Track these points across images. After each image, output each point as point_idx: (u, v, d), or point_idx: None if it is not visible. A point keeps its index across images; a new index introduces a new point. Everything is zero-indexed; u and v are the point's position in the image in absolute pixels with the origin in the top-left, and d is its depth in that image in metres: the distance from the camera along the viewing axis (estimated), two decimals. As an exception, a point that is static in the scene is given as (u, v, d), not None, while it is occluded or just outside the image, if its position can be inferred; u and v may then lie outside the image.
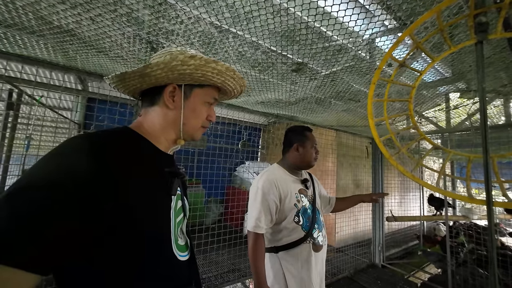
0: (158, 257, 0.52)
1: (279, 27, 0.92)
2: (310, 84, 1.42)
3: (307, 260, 1.14)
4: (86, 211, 0.41)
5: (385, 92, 0.67)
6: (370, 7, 0.90)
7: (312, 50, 1.04)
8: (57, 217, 0.39)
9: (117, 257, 0.48)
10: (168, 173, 0.60)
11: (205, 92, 0.63)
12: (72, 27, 0.92)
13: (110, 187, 0.45)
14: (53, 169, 0.42)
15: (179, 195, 0.66)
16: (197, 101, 0.63)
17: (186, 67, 0.56)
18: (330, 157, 4.03)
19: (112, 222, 0.45)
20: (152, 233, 0.52)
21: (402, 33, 0.58)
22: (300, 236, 1.15)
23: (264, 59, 1.16)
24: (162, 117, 0.61)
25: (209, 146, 2.54)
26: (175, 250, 0.57)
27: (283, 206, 1.16)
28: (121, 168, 0.48)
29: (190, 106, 0.62)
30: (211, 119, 0.66)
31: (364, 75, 1.30)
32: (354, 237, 3.82)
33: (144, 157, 0.57)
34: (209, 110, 0.66)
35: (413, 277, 3.30)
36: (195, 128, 0.64)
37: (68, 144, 0.48)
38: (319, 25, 0.94)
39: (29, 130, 2.35)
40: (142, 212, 0.50)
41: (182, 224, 0.66)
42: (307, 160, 1.27)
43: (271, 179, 1.17)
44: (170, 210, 0.58)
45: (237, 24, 0.90)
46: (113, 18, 0.84)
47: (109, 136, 0.54)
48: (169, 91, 0.60)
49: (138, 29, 0.91)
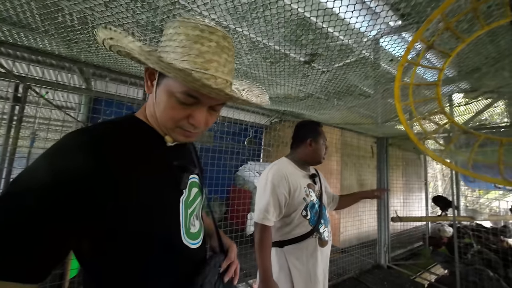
0: (164, 254, 0.50)
1: (295, 14, 0.90)
2: (321, 77, 1.40)
3: (313, 255, 1.14)
4: (81, 215, 0.39)
5: (412, 75, 0.65)
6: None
7: (328, 40, 1.02)
8: (49, 224, 0.36)
9: (119, 259, 0.46)
10: (177, 168, 0.56)
11: (173, 82, 0.47)
12: (83, 14, 0.90)
13: (108, 187, 0.42)
14: (44, 172, 0.39)
15: (195, 182, 0.64)
16: (163, 91, 0.49)
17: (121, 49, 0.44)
18: (335, 157, 4.00)
19: (111, 225, 0.43)
20: (157, 231, 0.50)
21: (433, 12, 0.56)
22: (307, 230, 1.15)
23: (276, 50, 1.15)
24: (151, 104, 0.54)
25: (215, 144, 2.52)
26: (186, 240, 0.55)
27: (292, 200, 1.15)
28: (121, 165, 0.45)
29: (158, 95, 0.50)
30: (192, 122, 0.50)
31: (378, 67, 1.28)
32: (359, 238, 3.77)
33: (151, 150, 0.53)
34: (191, 110, 0.50)
35: (419, 278, 3.25)
36: (169, 127, 0.52)
37: (64, 141, 0.44)
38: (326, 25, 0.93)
39: (35, 126, 2.34)
40: (145, 212, 0.47)
41: (197, 211, 0.64)
42: (318, 156, 1.26)
43: (282, 172, 1.16)
44: (179, 204, 0.55)
45: (253, 12, 0.88)
46: (128, 3, 0.82)
47: (108, 129, 0.50)
48: (148, 74, 0.52)
49: (152, 16, 0.90)
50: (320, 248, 1.16)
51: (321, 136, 1.27)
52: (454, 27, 0.59)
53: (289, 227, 1.15)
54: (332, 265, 2.79)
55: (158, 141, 0.55)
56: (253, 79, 1.48)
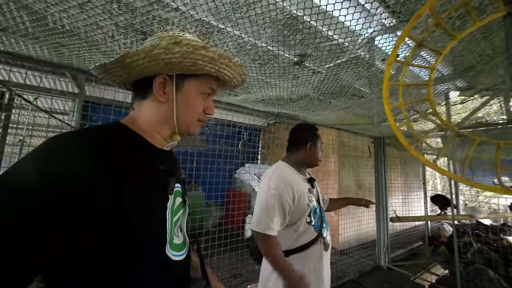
0: (150, 261, 0.48)
1: (281, 14, 0.86)
2: (313, 79, 1.37)
3: (319, 260, 1.12)
4: (78, 217, 0.39)
5: (401, 75, 0.61)
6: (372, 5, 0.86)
7: (316, 40, 0.98)
8: (42, 225, 0.36)
9: (107, 264, 0.44)
10: (163, 172, 0.55)
11: (200, 83, 0.57)
12: (58, 17, 0.86)
13: (105, 189, 0.42)
14: (38, 172, 0.38)
15: (178, 191, 0.63)
16: (191, 92, 0.57)
17: (171, 56, 0.50)
18: (332, 158, 3.96)
19: (108, 227, 0.42)
20: (145, 237, 0.48)
21: (422, 7, 0.53)
22: (312, 237, 1.12)
23: (265, 51, 1.11)
24: (155, 112, 0.56)
25: (209, 148, 2.48)
26: (169, 251, 0.53)
27: (297, 207, 1.11)
28: (114, 168, 0.45)
29: (183, 99, 0.56)
30: (208, 112, 0.60)
31: (370, 67, 1.24)
32: (358, 239, 3.73)
33: (138, 155, 0.53)
34: (206, 101, 0.60)
35: (419, 278, 3.21)
36: (190, 123, 0.58)
37: (56, 143, 0.43)
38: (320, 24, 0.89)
39: (22, 134, 2.28)
40: (135, 216, 0.46)
41: (180, 222, 0.62)
42: (315, 159, 1.26)
43: (285, 179, 1.12)
44: (166, 210, 0.54)
45: (236, 11, 0.84)
46: (103, 5, 0.78)
47: (99, 133, 0.50)
48: (158, 83, 0.55)
49: (131, 18, 0.86)
50: (324, 253, 1.15)
51: (319, 139, 1.27)
52: (445, 24, 0.56)
53: (295, 235, 1.12)
54: (332, 267, 2.72)
55: (144, 147, 0.55)
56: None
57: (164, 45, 0.49)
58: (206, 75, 0.57)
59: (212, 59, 0.53)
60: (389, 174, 3.76)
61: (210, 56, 0.52)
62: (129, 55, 0.50)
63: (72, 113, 2.45)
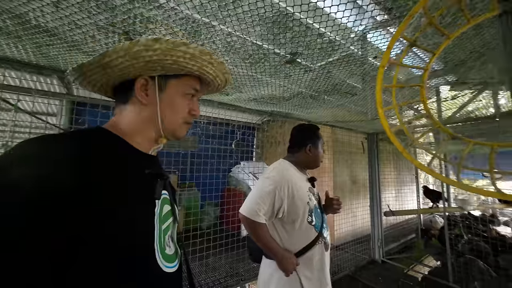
0: (137, 272, 0.45)
1: (270, 11, 0.83)
2: (305, 77, 1.34)
3: (321, 261, 1.12)
4: (65, 225, 0.36)
5: (394, 77, 0.60)
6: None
7: (307, 38, 0.95)
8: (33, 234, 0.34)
9: (88, 276, 0.40)
10: (149, 175, 0.52)
11: (182, 83, 0.56)
12: (32, 15, 0.80)
13: (92, 195, 0.40)
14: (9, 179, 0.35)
15: (166, 198, 0.59)
16: (174, 93, 0.55)
17: (151, 53, 0.48)
18: (327, 154, 3.97)
19: (81, 236, 0.38)
20: (130, 246, 0.45)
21: (415, 6, 0.50)
22: (313, 237, 1.12)
23: (255, 50, 1.07)
24: (138, 115, 0.54)
25: (202, 148, 2.43)
26: (160, 261, 0.50)
27: (295, 204, 1.10)
28: (93, 173, 0.42)
29: (166, 100, 0.54)
30: (194, 113, 0.58)
31: (361, 65, 1.22)
32: (353, 234, 3.78)
33: (121, 159, 0.49)
34: (191, 103, 0.58)
35: (412, 271, 3.28)
36: (176, 125, 0.57)
37: (26, 147, 0.40)
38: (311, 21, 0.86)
39: (5, 137, 2.18)
40: (118, 223, 0.43)
41: (171, 231, 0.59)
42: (316, 161, 1.25)
43: (286, 177, 1.12)
44: (154, 216, 0.51)
45: (223, 9, 0.80)
46: (80, 3, 0.73)
47: (78, 137, 0.47)
48: (140, 85, 0.53)
49: (111, 17, 0.81)
50: (325, 253, 1.16)
51: (320, 140, 1.26)
52: (437, 22, 0.54)
53: (297, 236, 1.11)
54: (328, 263, 2.77)
55: (128, 151, 0.53)
56: (234, 80, 1.40)
57: (143, 41, 0.47)
58: (188, 75, 0.56)
59: (193, 56, 0.51)
60: (383, 169, 3.80)
61: (191, 52, 0.50)
62: (108, 53, 0.47)
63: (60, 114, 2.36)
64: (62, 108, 2.42)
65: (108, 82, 0.55)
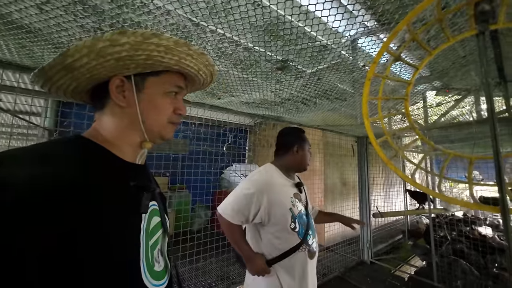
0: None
1: (261, 20, 0.84)
2: (295, 83, 1.36)
3: (304, 269, 1.10)
4: (24, 244, 0.32)
5: (380, 89, 0.62)
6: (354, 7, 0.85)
7: (298, 46, 0.97)
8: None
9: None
10: (134, 188, 0.49)
11: (162, 81, 0.51)
12: (16, 16, 0.77)
13: (51, 213, 0.35)
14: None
15: (155, 210, 0.56)
16: (154, 93, 0.50)
17: (119, 48, 0.42)
18: (317, 157, 4.03)
19: (79, 255, 0.37)
20: (108, 268, 0.41)
21: (399, 23, 0.53)
22: (295, 243, 1.10)
23: (246, 56, 1.08)
24: (118, 119, 0.50)
25: (193, 150, 2.41)
26: (147, 280, 0.47)
27: (275, 210, 1.09)
28: (71, 190, 0.38)
29: (147, 101, 0.50)
30: (180, 112, 0.54)
31: (350, 73, 1.25)
32: (343, 235, 3.84)
33: (103, 172, 0.46)
34: (175, 101, 0.53)
35: (399, 271, 3.37)
36: (160, 126, 0.52)
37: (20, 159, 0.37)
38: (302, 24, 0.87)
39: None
40: (100, 243, 0.40)
41: (160, 244, 0.55)
42: (304, 163, 1.24)
43: (268, 181, 1.12)
44: (139, 232, 0.47)
45: (214, 16, 0.80)
46: (65, 6, 0.71)
47: (54, 151, 0.42)
48: (115, 86, 0.47)
49: (99, 21, 0.79)
50: (309, 261, 1.14)
51: (306, 142, 1.26)
52: (421, 38, 0.56)
53: (277, 242, 1.10)
54: (318, 265, 2.78)
55: (111, 161, 0.49)
56: (225, 85, 1.40)
57: (108, 36, 0.41)
58: (167, 71, 0.51)
59: (167, 48, 0.45)
60: (372, 171, 3.89)
61: (164, 44, 0.44)
62: (69, 53, 0.42)
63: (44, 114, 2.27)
64: (47, 108, 2.33)
65: (80, 86, 0.49)
